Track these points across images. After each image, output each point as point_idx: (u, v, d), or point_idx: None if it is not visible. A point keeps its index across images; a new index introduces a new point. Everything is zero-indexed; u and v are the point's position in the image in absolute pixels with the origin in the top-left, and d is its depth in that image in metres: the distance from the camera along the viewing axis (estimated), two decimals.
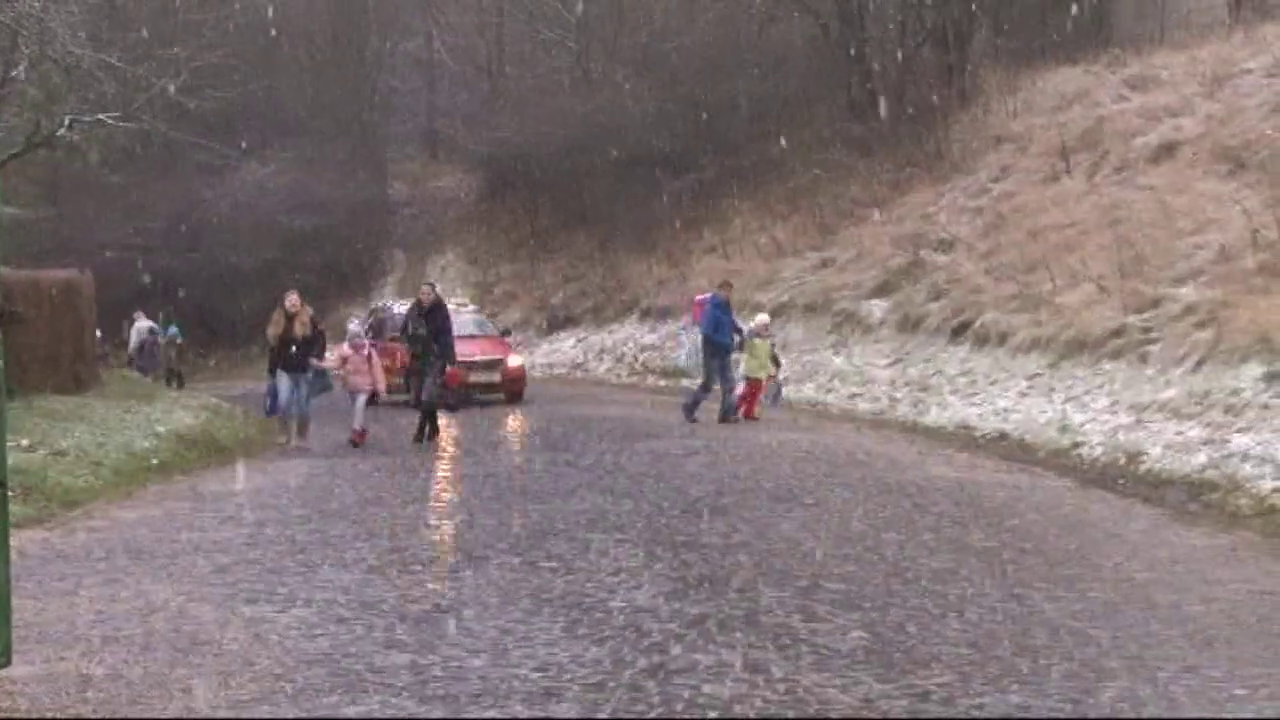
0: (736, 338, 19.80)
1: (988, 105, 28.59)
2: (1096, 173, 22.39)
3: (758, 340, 19.99)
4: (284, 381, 17.04)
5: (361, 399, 17.44)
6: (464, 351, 20.75)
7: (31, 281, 18.93)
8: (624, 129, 36.90)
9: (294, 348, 16.91)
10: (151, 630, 7.38)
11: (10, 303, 5.88)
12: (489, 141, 43.23)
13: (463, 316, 23.79)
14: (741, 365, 20.00)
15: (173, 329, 32.99)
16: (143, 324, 31.43)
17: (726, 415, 19.29)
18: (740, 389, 19.79)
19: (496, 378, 24.36)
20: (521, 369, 25.40)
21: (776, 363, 20.56)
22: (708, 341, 19.73)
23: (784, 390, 21.15)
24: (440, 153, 50.98)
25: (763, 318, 21.05)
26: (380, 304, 30.25)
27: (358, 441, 17.19)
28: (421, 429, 17.60)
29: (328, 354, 17.97)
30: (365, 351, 17.70)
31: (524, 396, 24.82)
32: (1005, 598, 8.14)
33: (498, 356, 24.63)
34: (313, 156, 44.24)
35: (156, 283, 37.00)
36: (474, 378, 23.48)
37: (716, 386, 19.52)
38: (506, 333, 27.74)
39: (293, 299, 17.23)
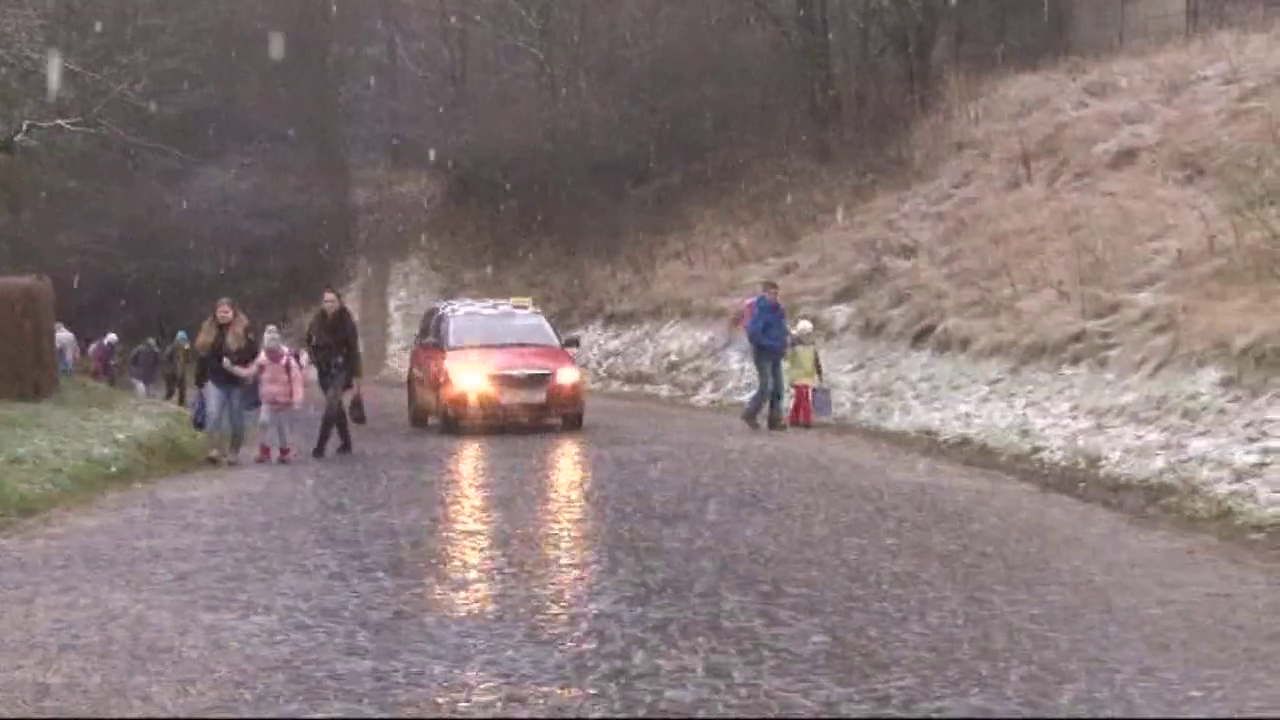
0: (787, 339, 19.46)
1: (949, 112, 28.74)
2: (1056, 179, 22.54)
3: (799, 348, 19.65)
4: (214, 394, 16.32)
5: (266, 409, 16.50)
6: (500, 364, 19.44)
7: None
8: (587, 135, 36.94)
9: (225, 360, 16.24)
10: (110, 638, 7.33)
11: None
12: (452, 148, 43.19)
13: (514, 322, 21.32)
14: (785, 373, 19.57)
15: (181, 335, 31.49)
16: (63, 334, 29.95)
17: (774, 423, 19.00)
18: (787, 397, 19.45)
19: (540, 397, 19.51)
20: (575, 388, 20.01)
21: (819, 370, 20.03)
22: (757, 345, 19.48)
23: (830, 401, 20.15)
24: (403, 159, 50.87)
25: (805, 325, 20.51)
26: (435, 305, 25.51)
27: (265, 458, 16.47)
28: (321, 442, 16.94)
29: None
30: (283, 361, 16.71)
31: (582, 422, 20.15)
32: (965, 601, 8.18)
33: (542, 370, 19.62)
34: (275, 162, 44.09)
35: (115, 290, 36.78)
36: (507, 398, 19.36)
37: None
38: (573, 342, 22.41)
39: (224, 309, 16.54)
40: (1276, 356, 13.08)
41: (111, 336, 31.82)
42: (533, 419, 19.64)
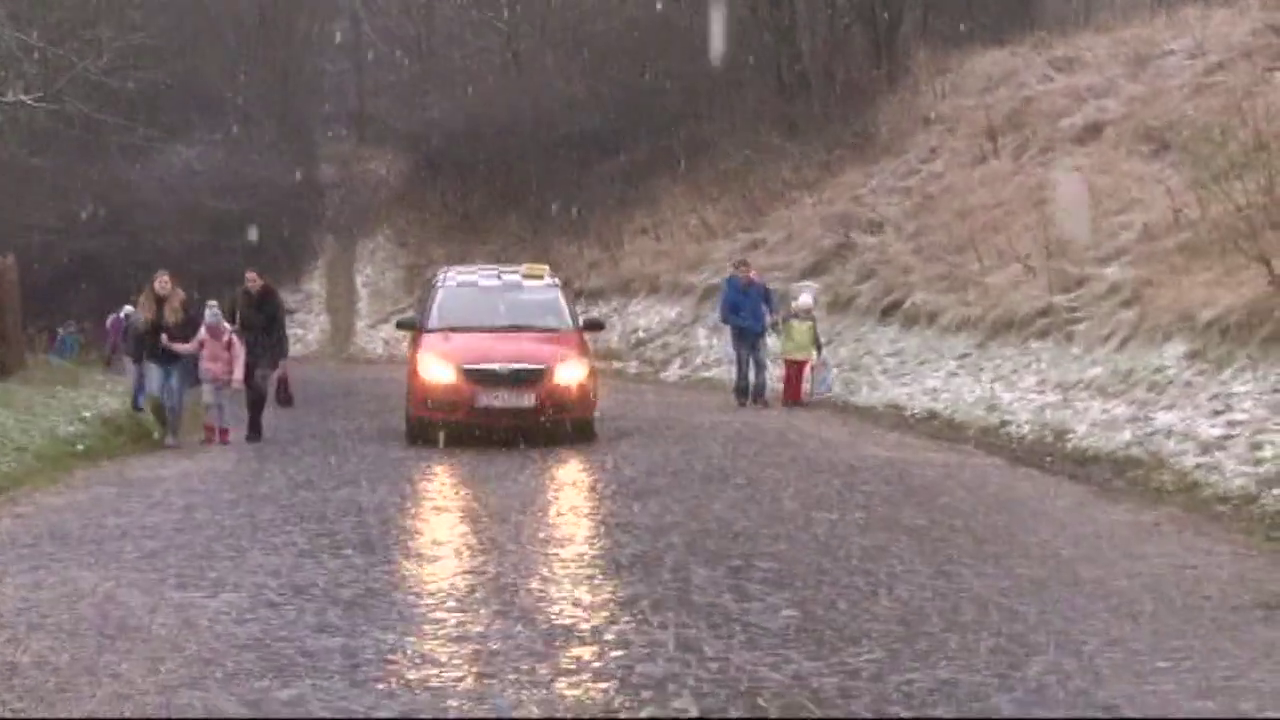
0: (768, 318, 19.02)
1: (916, 87, 28.77)
2: (1023, 154, 22.60)
3: (795, 321, 19.08)
4: (154, 372, 15.54)
5: (208, 388, 15.77)
6: (477, 355, 15.04)
7: None
8: (554, 110, 36.83)
9: (165, 335, 15.38)
10: (79, 616, 7.30)
11: None
12: (418, 123, 43.01)
13: (521, 297, 16.53)
14: (776, 346, 19.24)
15: None
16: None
17: (755, 398, 18.71)
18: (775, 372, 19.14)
19: (529, 400, 14.86)
20: (583, 388, 15.34)
21: (819, 347, 19.34)
22: (729, 325, 19.28)
23: (832, 375, 19.57)
24: (369, 135, 50.62)
25: (805, 299, 19.85)
26: (439, 271, 19.55)
27: (211, 439, 15.76)
28: (253, 423, 16.17)
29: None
30: (225, 338, 15.82)
31: (593, 430, 15.59)
32: (934, 575, 8.23)
33: (532, 365, 15.03)
34: (240, 139, 43.79)
35: (80, 267, 36.51)
36: (484, 399, 14.85)
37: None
38: (595, 325, 18.07)
39: (163, 280, 15.68)
40: (1241, 330, 13.18)
41: (128, 309, 31.04)
42: (520, 428, 14.85)
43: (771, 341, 19.30)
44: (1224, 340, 13.35)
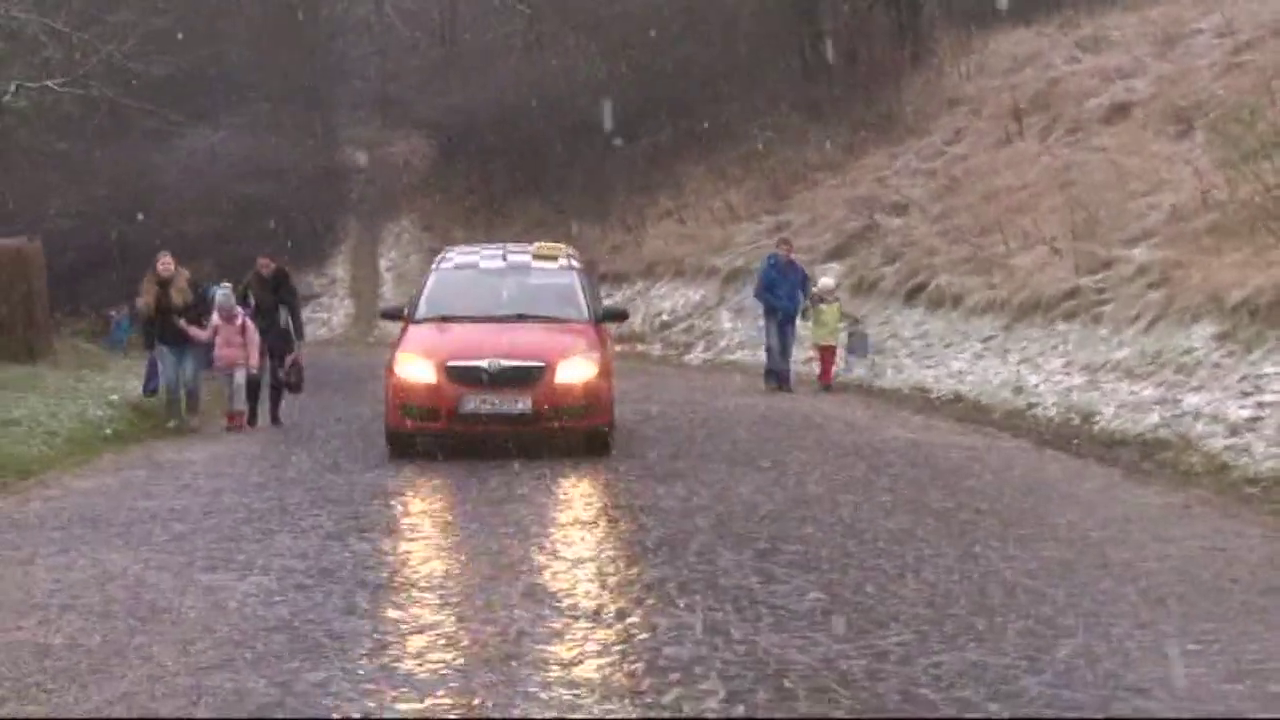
0: (803, 300, 18.84)
1: (941, 68, 28.62)
2: (1049, 135, 22.47)
3: (823, 305, 18.88)
4: (166, 357, 15.19)
5: (239, 374, 15.38)
6: (463, 349, 12.75)
7: None
8: (577, 94, 36.73)
9: (175, 317, 15.05)
10: (109, 598, 7.34)
11: None
12: (441, 107, 42.95)
13: (529, 281, 14.18)
14: (806, 333, 19.05)
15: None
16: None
17: (781, 384, 18.50)
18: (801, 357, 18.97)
19: (524, 404, 12.44)
20: (591, 388, 12.75)
21: (855, 320, 19.32)
22: (763, 304, 19.13)
23: (870, 342, 19.48)
24: (393, 119, 50.60)
25: (826, 281, 19.74)
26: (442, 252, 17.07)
27: (236, 425, 15.44)
28: (274, 407, 15.97)
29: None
30: (238, 322, 15.36)
31: (609, 442, 13.03)
32: (962, 557, 8.22)
33: (528, 362, 12.58)
34: (264, 123, 43.82)
35: (105, 251, 36.62)
36: (471, 404, 12.49)
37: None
38: (617, 315, 15.10)
39: (165, 261, 15.29)
40: (1271, 311, 13.09)
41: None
42: (515, 436, 12.58)
43: (801, 328, 19.17)
44: (1253, 321, 13.26)
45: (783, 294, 18.87)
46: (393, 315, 14.80)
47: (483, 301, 13.63)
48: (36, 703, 5.59)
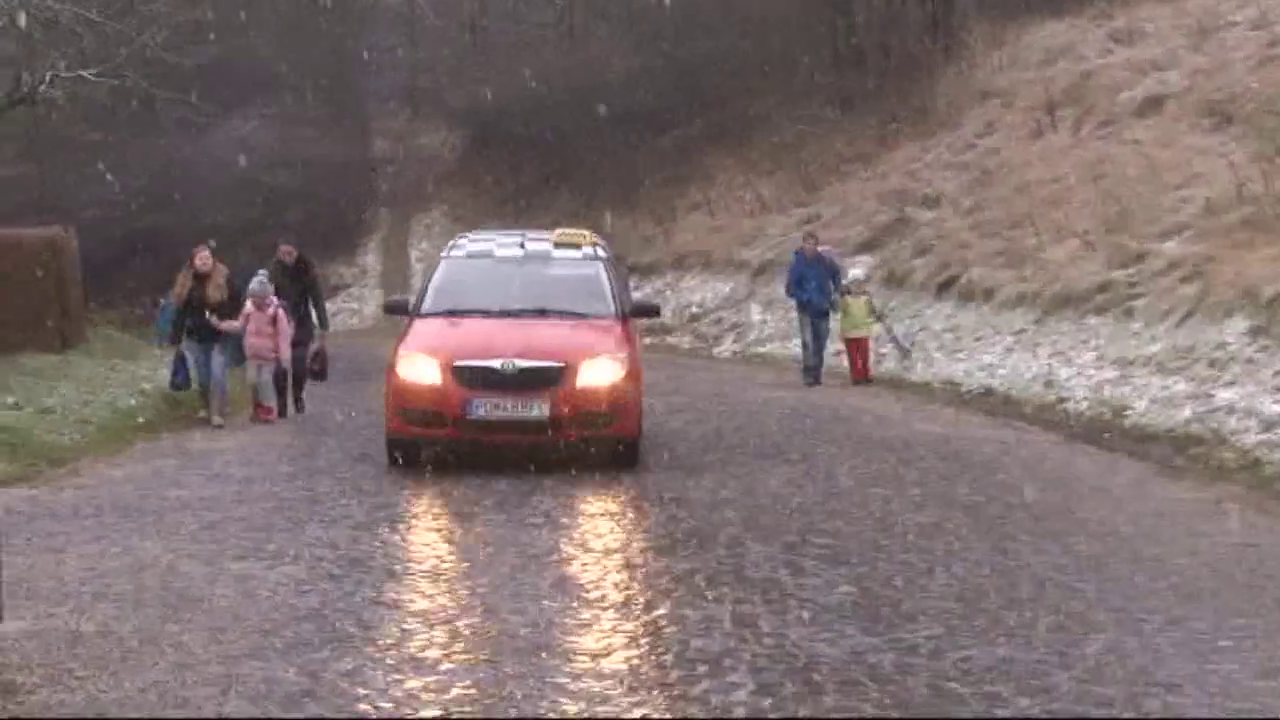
0: (834, 293, 18.57)
1: (973, 60, 28.49)
2: (1082, 127, 22.34)
3: (849, 297, 18.64)
4: (195, 353, 14.79)
5: (267, 370, 14.94)
6: (473, 347, 11.39)
7: (14, 239, 18.84)
8: (607, 85, 36.71)
9: (208, 313, 14.63)
10: (141, 586, 7.38)
11: None
12: (471, 98, 43.01)
13: (550, 272, 12.62)
14: (837, 326, 18.75)
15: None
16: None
17: (810, 379, 18.31)
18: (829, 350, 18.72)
19: (540, 410, 11.14)
20: (617, 392, 11.40)
21: (879, 317, 19.05)
22: (794, 299, 18.95)
23: (902, 338, 19.27)
24: (423, 110, 50.69)
25: (855, 273, 19.52)
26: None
27: (266, 418, 14.93)
28: (296, 397, 15.63)
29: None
30: (270, 311, 14.83)
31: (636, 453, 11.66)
32: (991, 551, 8.19)
33: (545, 362, 11.27)
34: (294, 114, 43.95)
35: (137, 241, 36.83)
36: (480, 409, 11.17)
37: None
38: (648, 310, 14.08)
39: (204, 255, 14.87)
40: None
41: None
42: (530, 447, 11.30)
43: (833, 321, 18.93)
44: None
45: (812, 288, 18.66)
46: (398, 309, 13.33)
47: (497, 294, 12.15)
48: (68, 689, 5.63)
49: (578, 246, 12.84)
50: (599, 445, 11.29)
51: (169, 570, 7.76)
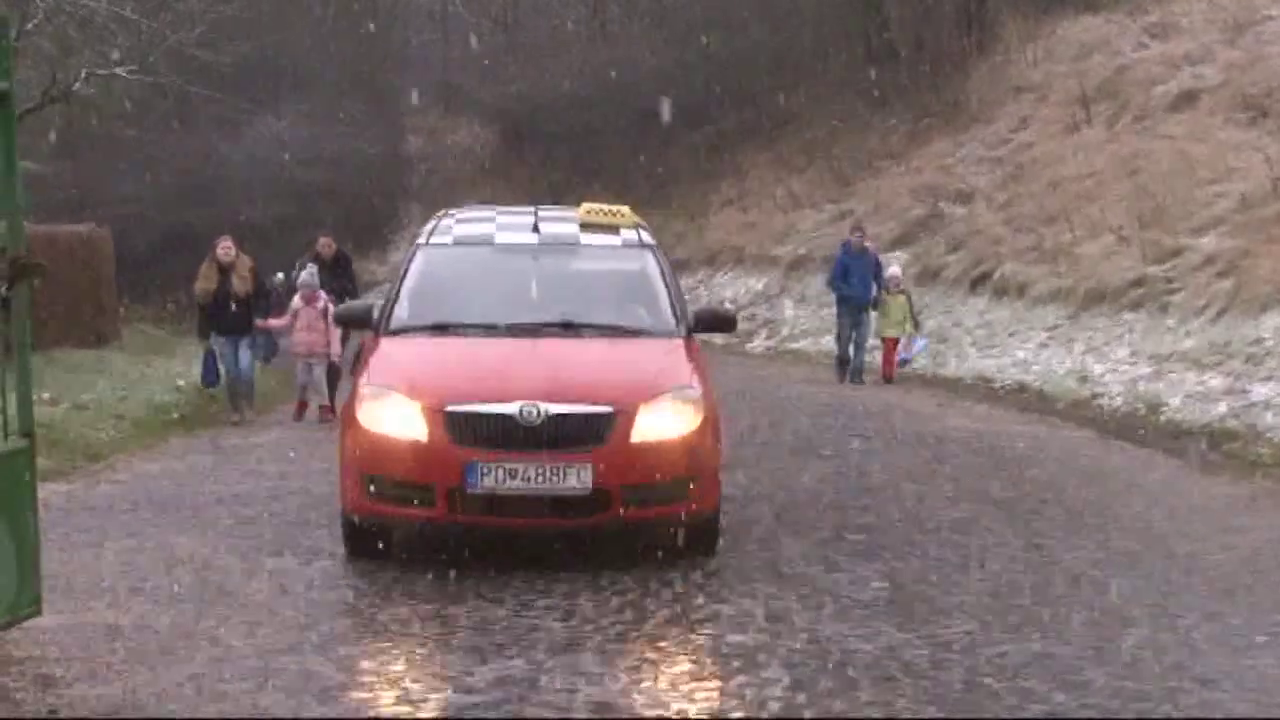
0: (876, 289, 18.33)
1: (1007, 54, 28.34)
2: (1116, 122, 22.21)
3: (887, 295, 18.38)
4: (222, 347, 14.55)
5: (319, 367, 14.59)
6: (475, 383, 7.85)
7: (49, 236, 18.98)
8: (639, 81, 36.73)
9: (233, 306, 14.30)
10: (177, 581, 7.44)
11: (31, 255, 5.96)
12: (504, 95, 43.12)
13: (573, 267, 9.13)
14: (874, 323, 18.54)
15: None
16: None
17: (853, 377, 18.05)
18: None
19: (580, 479, 7.44)
20: (691, 452, 7.76)
21: (915, 323, 18.68)
22: (835, 293, 18.72)
23: (918, 346, 18.82)
24: (455, 106, 50.84)
25: (894, 270, 19.11)
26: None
27: (328, 417, 14.09)
28: (332, 396, 14.70)
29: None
30: (320, 305, 14.38)
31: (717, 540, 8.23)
32: (1025, 547, 8.17)
33: (592, 406, 7.60)
34: (327, 110, 44.10)
35: (171, 238, 37.02)
36: (488, 478, 7.46)
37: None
38: (721, 322, 9.32)
39: (226, 245, 14.49)
40: None
41: (280, 275, 23.64)
42: (565, 534, 7.96)
43: (874, 318, 18.72)
44: None
45: (856, 281, 18.44)
46: (356, 320, 9.49)
47: (502, 300, 8.53)
48: (106, 683, 5.68)
49: (614, 229, 9.02)
50: (664, 527, 7.80)
51: (205, 565, 7.81)
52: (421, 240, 9.15)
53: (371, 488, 7.70)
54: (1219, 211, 16.68)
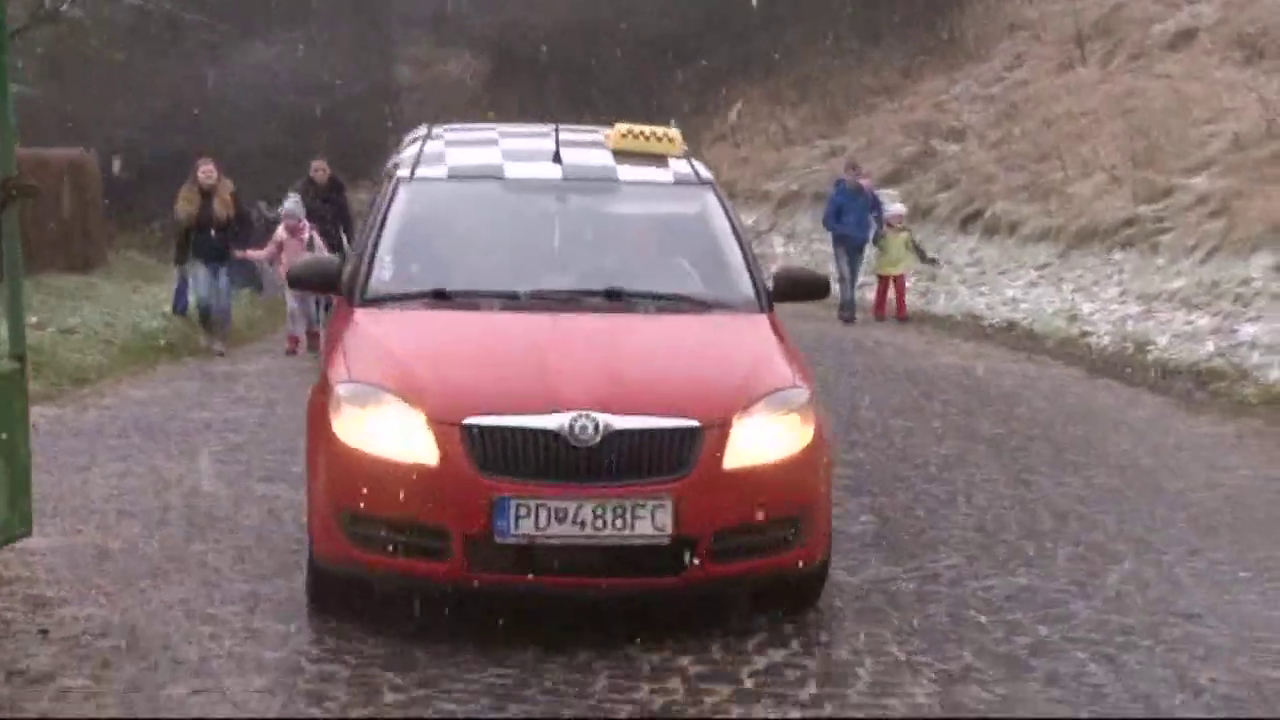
0: (875, 227, 18.09)
1: None
2: (1111, 61, 22.11)
3: (889, 232, 18.05)
4: (201, 272, 14.20)
5: (291, 294, 14.00)
6: (512, 374, 5.54)
7: (38, 159, 18.84)
8: (633, 13, 36.50)
9: (213, 231, 14.01)
10: (167, 505, 7.45)
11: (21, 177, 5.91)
12: (496, 25, 42.84)
13: (610, 210, 6.78)
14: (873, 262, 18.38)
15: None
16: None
17: (847, 314, 17.74)
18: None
19: (656, 522, 5.19)
20: (806, 475, 5.54)
21: (923, 257, 18.27)
22: (830, 231, 18.51)
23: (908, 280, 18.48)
24: (447, 36, 50.45)
25: (897, 208, 18.69)
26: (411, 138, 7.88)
27: (293, 349, 14.26)
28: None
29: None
30: (305, 235, 14.07)
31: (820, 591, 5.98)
32: (1012, 483, 8.21)
33: (672, 421, 5.31)
34: (318, 39, 43.76)
35: (160, 164, 36.80)
36: (524, 518, 5.18)
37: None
38: (814, 286, 6.69)
39: (207, 168, 14.18)
40: None
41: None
42: (631, 599, 5.51)
43: (870, 255, 18.55)
44: None
45: (850, 221, 18.27)
46: (318, 281, 6.89)
47: (519, 257, 6.41)
48: (96, 604, 5.70)
49: (661, 159, 6.84)
50: (765, 584, 5.61)
51: (193, 490, 7.83)
52: (404, 172, 6.60)
53: (354, 529, 5.39)
54: (1212, 152, 16.65)
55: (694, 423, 5.31)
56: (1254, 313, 12.94)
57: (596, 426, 5.21)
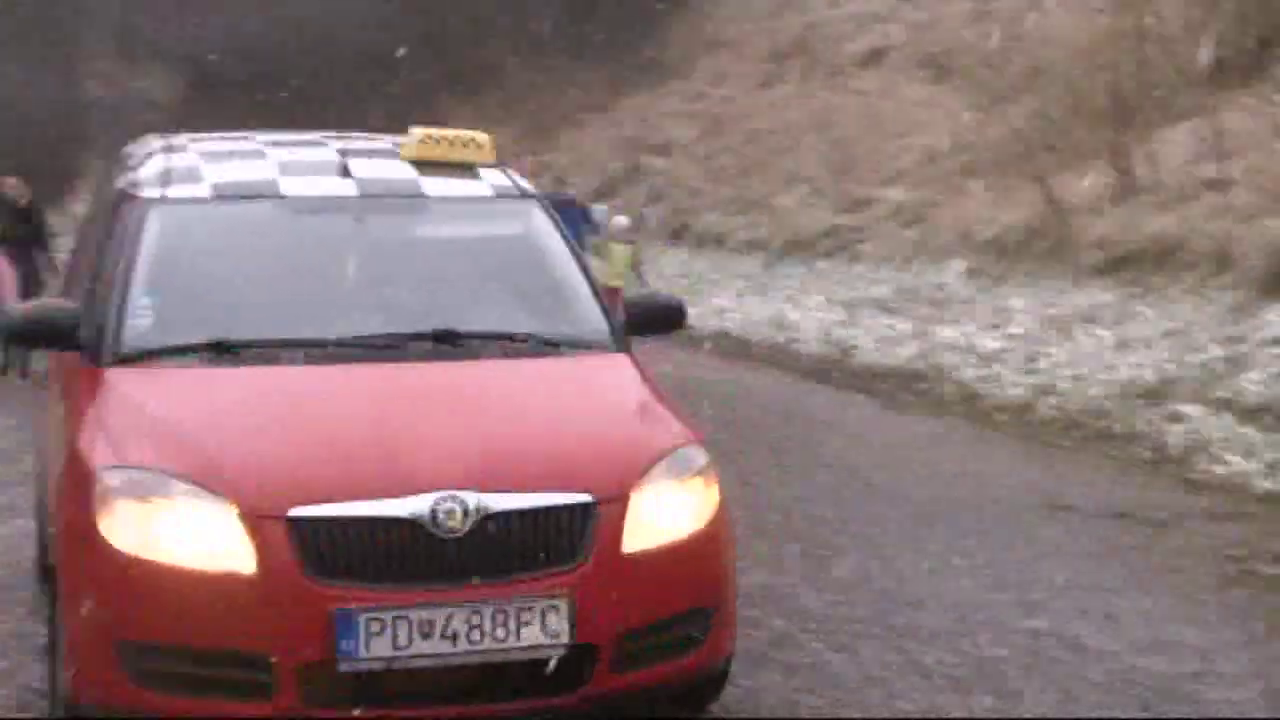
0: (592, 238, 17.56)
1: (703, 10, 28.94)
2: (809, 78, 22.98)
3: (614, 244, 17.40)
4: None
5: None
6: (351, 446, 4.18)
7: None
8: (337, 28, 36.01)
9: None
10: None
11: None
12: (189, 40, 41.58)
13: (429, 232, 5.40)
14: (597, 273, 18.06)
15: None
16: None
17: None
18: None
19: (551, 629, 4.00)
20: (712, 559, 4.51)
21: (638, 275, 17.25)
22: None
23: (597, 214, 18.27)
24: (138, 52, 48.74)
25: (621, 219, 18.14)
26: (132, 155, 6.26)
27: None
28: (5, 354, 13.51)
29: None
30: None
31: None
32: (736, 484, 8.35)
33: (561, 497, 4.12)
34: (1, 54, 41.71)
35: None
36: (376, 638, 3.89)
37: None
38: (671, 315, 5.85)
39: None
40: (1017, 248, 13.74)
41: None
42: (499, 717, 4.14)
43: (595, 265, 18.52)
44: (1001, 258, 13.90)
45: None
46: (38, 334, 4.93)
47: (314, 295, 5.02)
48: None
49: (470, 169, 5.47)
50: (671, 693, 4.42)
51: None
52: (150, 193, 5.11)
53: (139, 664, 4.00)
54: (905, 164, 17.51)
55: (586, 497, 4.13)
56: (949, 316, 13.63)
57: (466, 510, 3.98)
